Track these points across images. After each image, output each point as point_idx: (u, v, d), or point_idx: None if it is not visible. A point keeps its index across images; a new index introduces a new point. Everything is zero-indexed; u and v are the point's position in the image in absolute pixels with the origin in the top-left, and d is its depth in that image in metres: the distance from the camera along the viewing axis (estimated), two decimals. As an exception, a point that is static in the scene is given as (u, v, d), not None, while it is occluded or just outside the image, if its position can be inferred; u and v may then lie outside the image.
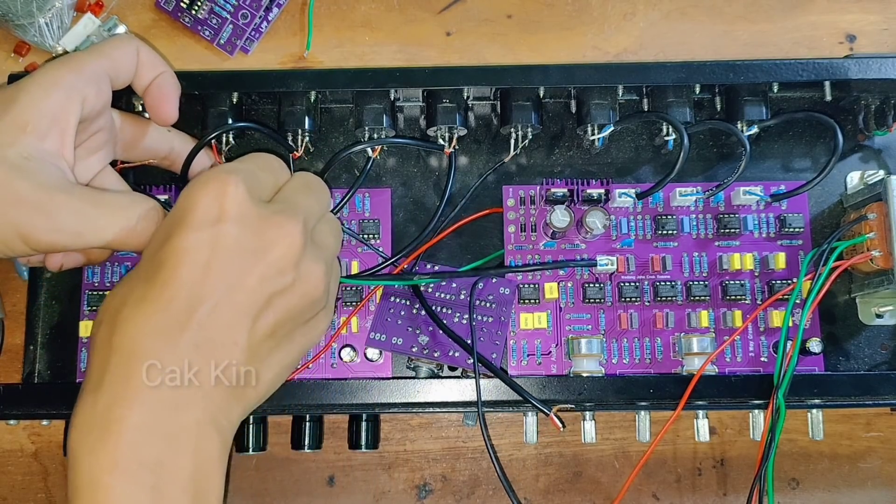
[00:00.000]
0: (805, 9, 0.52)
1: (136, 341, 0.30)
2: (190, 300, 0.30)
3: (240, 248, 0.32)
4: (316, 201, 0.37)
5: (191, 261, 0.31)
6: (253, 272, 0.32)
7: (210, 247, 0.31)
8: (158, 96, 0.39)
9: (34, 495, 0.48)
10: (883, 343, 0.46)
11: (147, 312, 0.30)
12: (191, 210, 0.32)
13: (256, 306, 0.32)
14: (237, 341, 0.31)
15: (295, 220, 0.33)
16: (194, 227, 0.31)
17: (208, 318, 0.31)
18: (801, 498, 0.48)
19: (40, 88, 0.34)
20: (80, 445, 0.29)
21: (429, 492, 0.48)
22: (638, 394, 0.41)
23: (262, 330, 0.32)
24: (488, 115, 0.47)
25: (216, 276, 0.31)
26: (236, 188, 0.32)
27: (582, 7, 0.52)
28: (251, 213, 0.32)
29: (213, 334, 0.31)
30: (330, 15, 0.52)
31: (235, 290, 0.31)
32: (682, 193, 0.45)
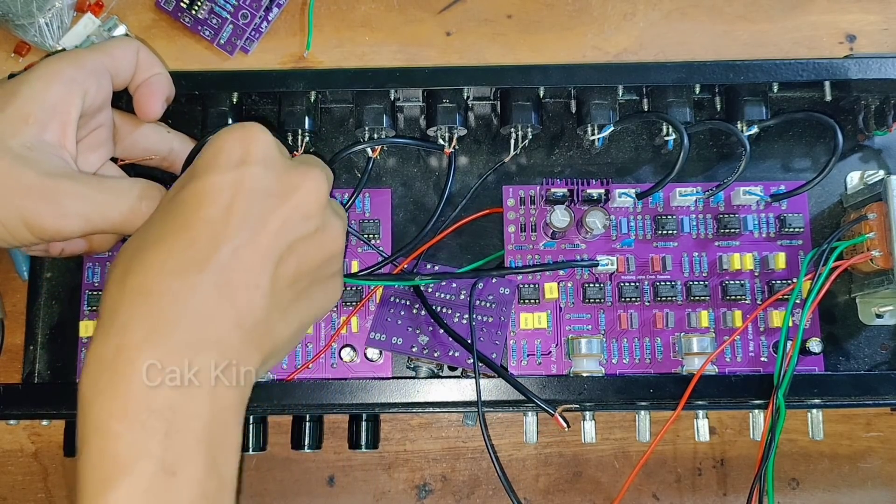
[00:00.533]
0: (805, 9, 0.52)
1: (152, 280, 0.29)
2: (211, 240, 0.30)
3: (265, 189, 0.31)
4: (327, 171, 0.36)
5: (214, 201, 0.30)
6: (277, 214, 0.31)
7: (234, 187, 0.30)
8: (147, 93, 0.39)
9: (34, 495, 0.48)
10: (883, 343, 0.46)
11: (164, 251, 0.29)
12: (216, 154, 0.31)
13: (279, 250, 0.31)
14: (259, 284, 0.30)
15: (319, 170, 0.33)
16: (219, 169, 0.31)
17: (230, 258, 0.29)
18: (801, 498, 0.48)
19: (41, 81, 0.34)
20: (89, 389, 0.28)
21: (429, 492, 0.48)
22: (638, 394, 0.41)
23: (283, 276, 0.31)
24: (488, 115, 0.47)
25: (240, 216, 0.30)
26: (262, 133, 0.32)
27: (582, 7, 0.52)
28: (276, 159, 0.32)
29: (233, 276, 0.30)
30: (330, 15, 0.52)
31: (259, 231, 0.30)
32: (682, 193, 0.45)
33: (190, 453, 0.28)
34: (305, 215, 0.32)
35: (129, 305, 0.29)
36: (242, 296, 0.30)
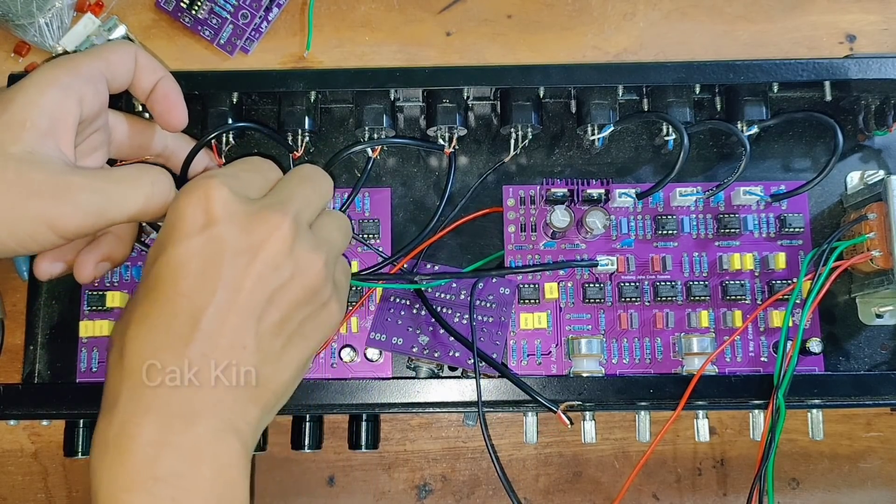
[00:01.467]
0: (805, 9, 0.52)
1: (143, 360, 0.30)
2: (191, 311, 0.30)
3: (232, 249, 0.31)
4: (312, 191, 0.36)
5: (186, 271, 0.31)
6: (249, 272, 0.31)
7: (202, 253, 0.31)
8: (166, 105, 0.39)
9: (34, 495, 0.48)
10: (883, 343, 0.46)
11: (151, 329, 0.31)
12: (178, 221, 0.32)
13: (259, 306, 0.32)
14: (245, 344, 0.31)
15: (282, 212, 0.33)
16: (184, 237, 0.31)
17: (212, 325, 0.31)
18: (801, 498, 0.48)
19: (37, 88, 0.34)
20: (98, 466, 0.30)
21: (429, 492, 0.48)
22: (638, 394, 0.41)
23: (268, 329, 0.32)
24: (488, 115, 0.47)
25: (213, 281, 0.31)
26: (219, 191, 0.32)
27: (582, 7, 0.52)
28: (238, 212, 0.32)
29: (219, 341, 0.31)
30: (330, 15, 0.52)
31: (235, 292, 0.31)
32: (682, 193, 0.45)
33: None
34: (275, 266, 0.32)
35: (128, 386, 0.30)
36: (231, 360, 0.31)
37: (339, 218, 0.38)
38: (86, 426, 0.44)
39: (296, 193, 0.35)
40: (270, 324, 0.32)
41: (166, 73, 0.40)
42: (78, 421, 0.44)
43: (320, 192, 0.37)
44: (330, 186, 0.38)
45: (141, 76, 0.39)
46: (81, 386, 0.44)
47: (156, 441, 0.29)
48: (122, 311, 0.33)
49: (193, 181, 0.33)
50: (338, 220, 0.38)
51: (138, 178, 0.35)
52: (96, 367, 0.44)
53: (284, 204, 0.34)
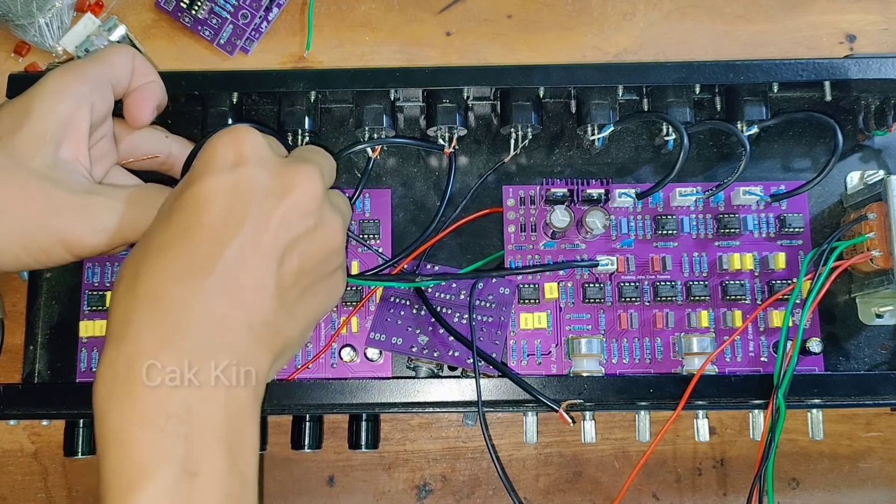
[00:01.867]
0: (805, 9, 0.52)
1: (161, 287, 0.29)
2: (214, 243, 0.30)
3: (261, 188, 0.31)
4: (326, 162, 0.36)
5: (213, 204, 0.30)
6: (275, 212, 0.31)
7: (231, 189, 0.31)
8: (138, 100, 0.39)
9: (34, 495, 0.48)
10: (883, 343, 0.46)
11: (170, 258, 0.30)
12: (210, 158, 0.31)
13: (280, 248, 0.31)
14: (265, 284, 0.31)
15: (313, 166, 0.33)
16: (214, 172, 0.31)
17: (234, 260, 0.30)
18: (801, 498, 0.48)
19: (52, 97, 0.35)
20: (106, 400, 0.28)
21: (429, 492, 0.48)
22: (638, 394, 0.41)
23: (288, 275, 0.32)
24: (488, 115, 0.47)
25: (239, 217, 0.30)
26: (252, 134, 0.32)
27: (582, 7, 0.52)
28: (269, 157, 0.32)
29: (239, 277, 0.30)
30: (330, 15, 0.52)
31: (259, 231, 0.30)
32: (682, 193, 0.45)
33: (210, 454, 0.28)
34: (303, 212, 0.32)
35: (140, 313, 0.29)
36: (250, 297, 0.30)
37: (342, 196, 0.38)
38: (86, 426, 0.44)
39: (317, 159, 0.35)
40: (290, 270, 0.32)
41: (157, 78, 0.40)
42: (78, 421, 0.44)
43: (331, 166, 0.37)
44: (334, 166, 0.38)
45: (134, 81, 0.39)
46: (81, 386, 0.44)
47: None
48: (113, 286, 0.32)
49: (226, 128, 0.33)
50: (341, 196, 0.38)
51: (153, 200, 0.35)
52: (96, 367, 0.44)
53: (311, 161, 0.34)
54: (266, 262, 0.31)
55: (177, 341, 0.29)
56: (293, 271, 0.32)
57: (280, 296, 0.31)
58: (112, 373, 0.29)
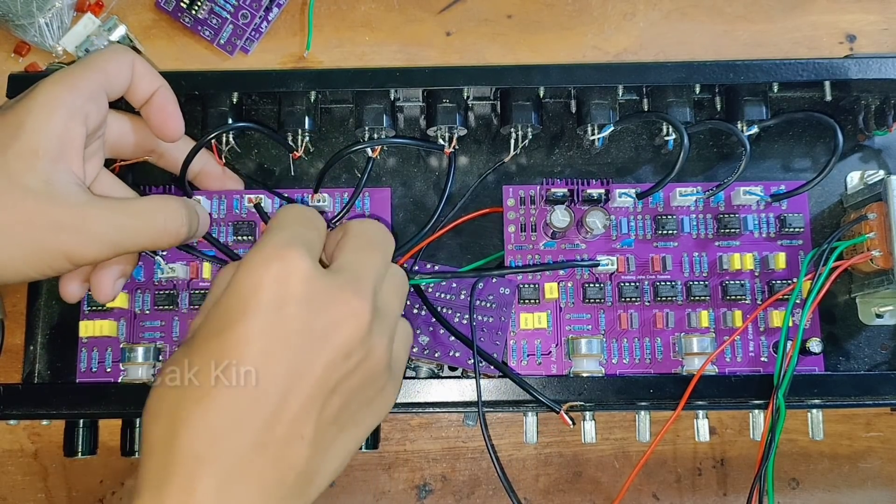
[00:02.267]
0: (805, 9, 0.52)
1: (200, 446, 0.28)
2: (255, 396, 0.28)
3: (306, 332, 0.29)
4: (382, 260, 0.34)
5: (254, 352, 0.29)
6: (319, 358, 0.29)
7: (274, 333, 0.29)
8: (162, 116, 0.39)
9: (34, 495, 0.48)
10: (883, 343, 0.46)
11: (210, 413, 0.28)
12: (253, 291, 0.29)
13: (323, 395, 0.30)
14: (304, 434, 0.29)
15: (362, 294, 0.31)
16: (258, 312, 0.29)
17: (273, 415, 0.29)
18: (801, 498, 0.48)
19: (44, 111, 0.34)
20: None
21: (429, 492, 0.48)
22: (638, 394, 0.41)
23: (327, 417, 0.30)
24: (488, 115, 0.47)
25: (281, 365, 0.29)
26: (301, 265, 0.30)
27: (582, 7, 0.52)
28: (317, 290, 0.30)
29: (277, 431, 0.29)
30: (330, 15, 0.52)
31: (301, 379, 0.29)
32: (682, 193, 0.45)
33: None
34: (347, 355, 0.30)
35: (179, 473, 0.28)
36: (285, 452, 0.29)
37: (396, 276, 0.36)
38: (86, 426, 0.44)
39: (369, 266, 0.33)
40: (330, 412, 0.30)
41: (163, 82, 0.40)
42: (78, 421, 0.44)
43: (387, 258, 0.35)
44: (392, 246, 0.36)
45: (138, 85, 0.39)
46: (81, 386, 0.44)
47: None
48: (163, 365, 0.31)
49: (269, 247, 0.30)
50: (394, 279, 0.35)
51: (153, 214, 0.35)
52: (96, 367, 0.44)
53: (360, 282, 0.31)
54: (307, 412, 0.29)
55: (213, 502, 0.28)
56: (333, 412, 0.30)
57: (317, 442, 0.30)
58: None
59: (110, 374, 0.44)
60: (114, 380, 0.44)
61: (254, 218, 0.45)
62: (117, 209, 0.35)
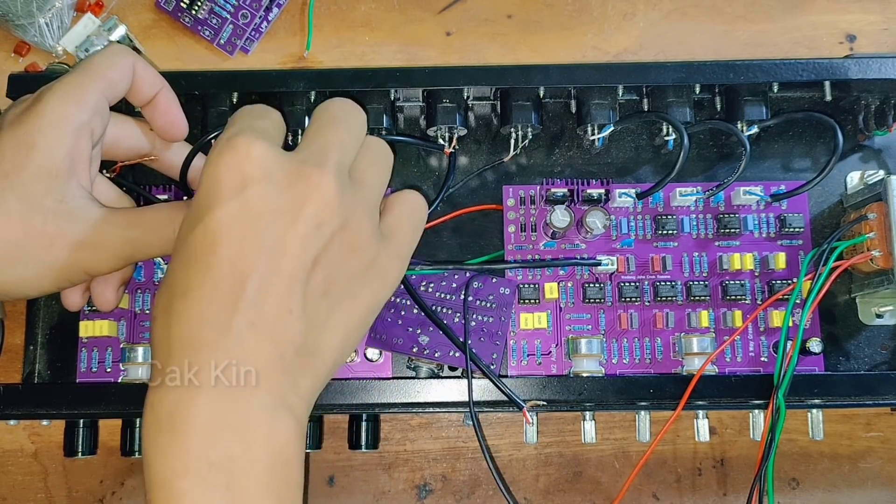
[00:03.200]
0: (805, 9, 0.52)
1: (192, 333, 0.29)
2: (234, 280, 0.29)
3: (272, 210, 0.30)
4: (347, 133, 0.34)
5: (226, 239, 0.29)
6: (291, 234, 0.30)
7: (241, 218, 0.30)
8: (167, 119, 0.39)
9: (34, 495, 0.48)
10: (883, 343, 0.46)
11: (196, 301, 0.29)
12: (213, 185, 0.30)
13: (304, 268, 0.30)
14: (291, 309, 0.30)
15: (322, 165, 0.31)
16: (220, 202, 0.30)
17: (257, 293, 0.29)
18: (801, 498, 0.48)
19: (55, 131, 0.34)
20: (151, 447, 0.28)
21: (429, 492, 0.48)
22: (638, 394, 0.41)
23: (314, 291, 0.31)
24: (488, 115, 0.47)
25: (255, 246, 0.29)
26: (254, 148, 0.31)
27: (582, 7, 0.52)
28: (274, 169, 0.31)
29: (265, 308, 0.29)
30: (330, 15, 0.52)
31: (278, 256, 0.30)
32: (682, 193, 0.45)
33: (254, 500, 0.28)
34: (319, 224, 0.31)
35: (178, 359, 0.29)
36: (278, 326, 0.30)
37: (373, 148, 0.36)
38: (86, 426, 0.44)
39: (330, 141, 0.33)
40: (316, 285, 0.31)
41: (164, 83, 0.39)
42: (78, 421, 0.44)
43: (355, 133, 0.35)
44: (363, 121, 0.35)
45: (139, 87, 0.38)
46: (81, 386, 0.44)
47: (210, 421, 0.28)
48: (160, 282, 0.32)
49: (221, 141, 0.31)
50: (372, 152, 0.35)
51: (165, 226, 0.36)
52: (96, 366, 0.45)
53: (322, 156, 0.32)
54: (290, 286, 0.30)
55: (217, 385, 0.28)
56: (319, 284, 0.31)
57: (307, 316, 0.30)
58: (156, 420, 0.29)
59: (110, 374, 0.44)
60: (114, 380, 0.44)
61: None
62: (131, 223, 0.35)
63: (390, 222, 0.35)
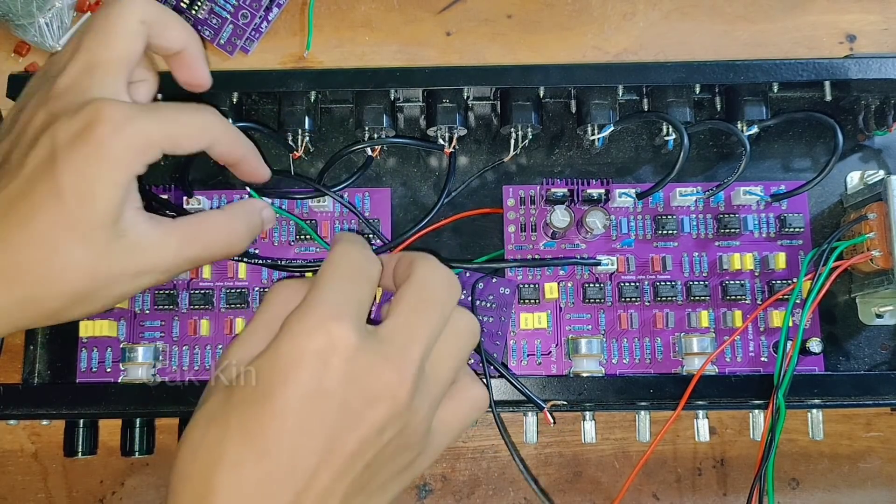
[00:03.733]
0: (805, 9, 0.52)
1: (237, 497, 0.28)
2: (288, 470, 0.28)
3: (342, 408, 0.29)
4: (438, 318, 0.32)
5: (292, 424, 0.28)
6: (353, 435, 0.29)
7: (311, 409, 0.29)
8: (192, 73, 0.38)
9: (34, 495, 0.48)
10: (883, 343, 0.46)
11: (246, 481, 0.28)
12: (295, 364, 0.29)
13: (353, 469, 0.30)
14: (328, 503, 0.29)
15: (403, 369, 0.30)
16: (297, 386, 0.29)
17: (304, 488, 0.29)
18: (801, 498, 0.48)
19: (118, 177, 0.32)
20: None
21: (429, 492, 0.48)
22: (638, 394, 0.41)
23: (355, 489, 0.30)
24: (488, 115, 0.47)
25: (316, 441, 0.29)
26: (346, 339, 0.29)
27: (582, 7, 0.52)
28: (358, 365, 0.29)
29: (307, 497, 0.29)
30: (330, 15, 0.52)
31: (334, 454, 0.29)
32: (682, 193, 0.45)
33: None
34: (381, 430, 0.30)
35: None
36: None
37: (456, 336, 0.33)
38: (86, 426, 0.44)
39: (418, 333, 0.31)
40: (359, 484, 0.30)
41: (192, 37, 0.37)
42: (78, 421, 0.44)
43: (446, 316, 0.33)
44: (458, 298, 0.34)
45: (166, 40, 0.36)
46: (81, 386, 0.44)
47: None
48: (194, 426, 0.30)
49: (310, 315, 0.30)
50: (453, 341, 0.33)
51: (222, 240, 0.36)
52: (96, 366, 0.44)
53: (405, 354, 0.31)
54: (334, 484, 0.29)
55: None
56: (363, 482, 0.30)
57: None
58: None
59: (110, 374, 0.44)
60: (114, 380, 0.44)
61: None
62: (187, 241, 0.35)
63: (446, 419, 0.33)
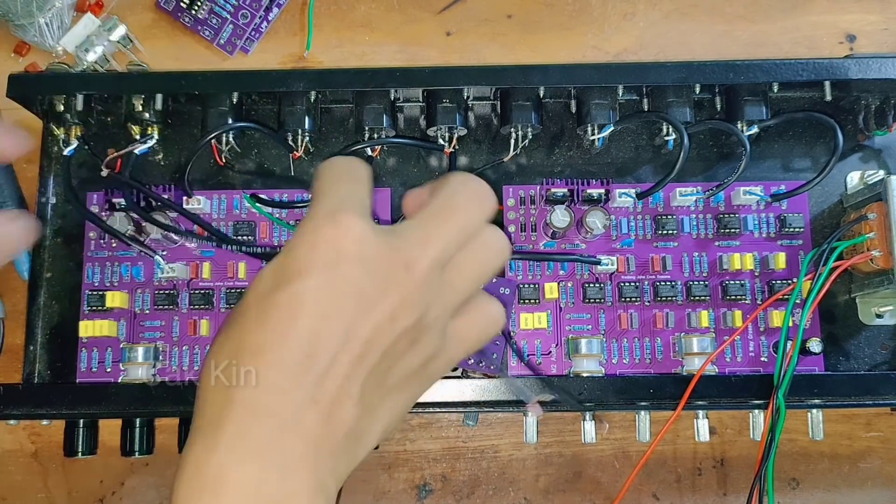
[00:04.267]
0: (805, 9, 0.52)
1: (256, 398, 0.29)
2: (308, 353, 0.29)
3: (356, 292, 0.30)
4: (460, 230, 0.32)
5: (309, 310, 0.29)
6: (368, 320, 0.30)
7: (329, 293, 0.29)
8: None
9: (34, 495, 0.48)
10: (883, 343, 0.45)
11: (267, 363, 0.29)
12: (309, 252, 0.30)
13: (370, 356, 0.30)
14: (352, 394, 0.30)
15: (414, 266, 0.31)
16: (313, 271, 0.30)
17: (324, 372, 0.29)
18: (801, 498, 0.48)
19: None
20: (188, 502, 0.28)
21: (429, 492, 0.48)
22: (638, 394, 0.41)
23: (373, 380, 0.31)
24: (488, 115, 0.47)
25: (334, 325, 0.29)
26: (355, 227, 0.30)
27: (582, 7, 0.52)
28: (370, 252, 0.30)
29: (328, 388, 0.29)
30: (330, 15, 0.52)
31: (350, 340, 0.30)
32: (682, 193, 0.45)
33: None
34: (394, 317, 0.30)
35: (236, 422, 0.29)
36: (335, 410, 0.30)
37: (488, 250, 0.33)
38: (86, 426, 0.44)
39: (435, 238, 0.32)
40: (377, 375, 0.31)
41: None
42: (78, 421, 0.44)
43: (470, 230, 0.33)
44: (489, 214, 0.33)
45: None
46: (81, 386, 0.44)
47: (252, 492, 0.28)
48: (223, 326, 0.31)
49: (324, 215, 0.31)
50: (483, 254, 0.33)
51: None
52: (96, 366, 0.44)
53: (419, 250, 0.31)
54: (354, 370, 0.30)
55: (262, 456, 0.28)
56: (380, 374, 0.31)
57: (364, 402, 0.30)
58: (199, 475, 0.28)
59: (110, 374, 0.44)
60: (114, 380, 0.44)
61: (253, 218, 0.45)
62: None
63: (461, 328, 0.33)
